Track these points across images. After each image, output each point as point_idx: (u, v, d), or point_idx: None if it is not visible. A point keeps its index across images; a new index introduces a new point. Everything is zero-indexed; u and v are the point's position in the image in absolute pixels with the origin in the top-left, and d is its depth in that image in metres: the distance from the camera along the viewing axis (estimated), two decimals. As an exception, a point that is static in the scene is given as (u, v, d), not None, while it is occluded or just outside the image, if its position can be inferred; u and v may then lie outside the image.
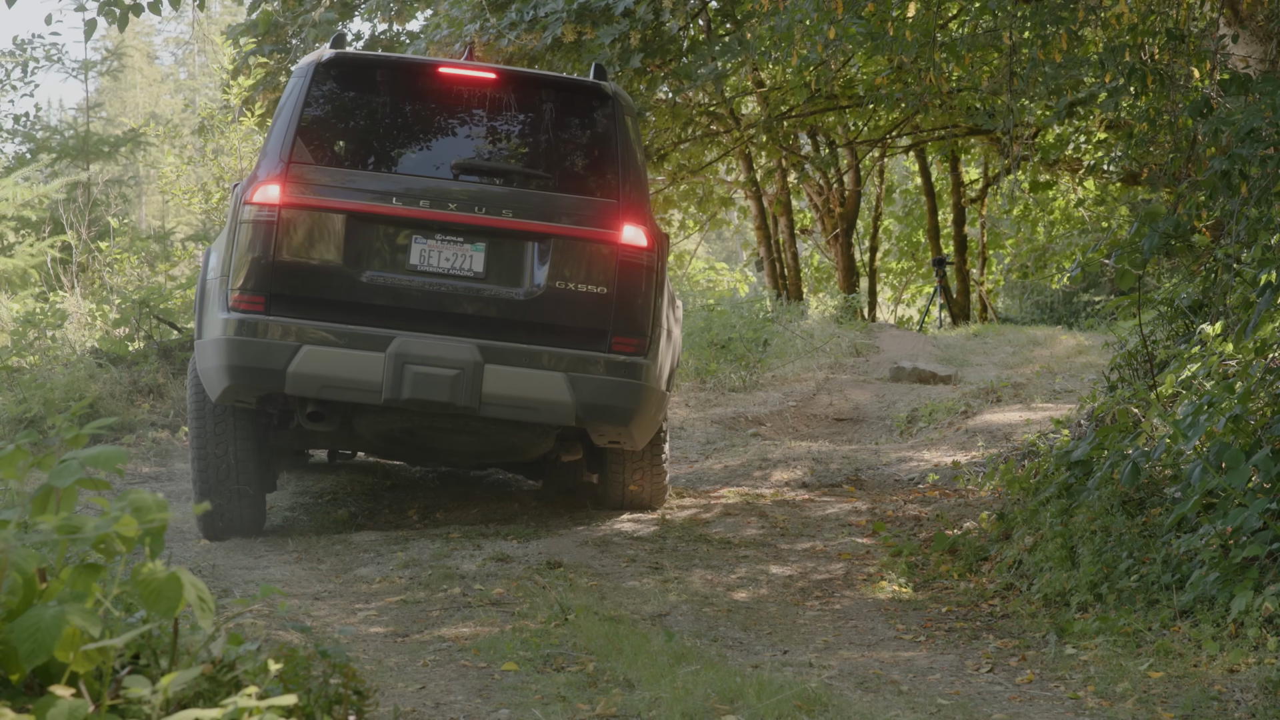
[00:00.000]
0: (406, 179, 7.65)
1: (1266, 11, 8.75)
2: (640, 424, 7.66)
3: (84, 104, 26.81)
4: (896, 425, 13.02)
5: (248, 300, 7.40)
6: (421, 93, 7.91)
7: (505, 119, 7.91)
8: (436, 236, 7.55)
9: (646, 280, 7.65)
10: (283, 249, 7.42)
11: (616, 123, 7.85)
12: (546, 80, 8.08)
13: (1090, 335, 18.96)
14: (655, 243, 7.75)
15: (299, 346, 7.32)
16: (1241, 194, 7.02)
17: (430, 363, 7.37)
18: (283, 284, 7.41)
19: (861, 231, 29.11)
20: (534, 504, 8.81)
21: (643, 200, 7.81)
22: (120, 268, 16.75)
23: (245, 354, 7.32)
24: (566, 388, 7.44)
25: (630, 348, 7.58)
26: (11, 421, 10.81)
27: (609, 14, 14.04)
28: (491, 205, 7.58)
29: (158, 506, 2.84)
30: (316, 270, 7.44)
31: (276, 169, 7.52)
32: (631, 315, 7.60)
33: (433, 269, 7.54)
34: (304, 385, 7.36)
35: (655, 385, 7.69)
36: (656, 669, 5.28)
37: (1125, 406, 7.80)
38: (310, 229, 7.46)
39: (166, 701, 2.83)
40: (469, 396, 7.39)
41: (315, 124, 7.73)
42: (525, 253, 7.60)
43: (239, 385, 7.39)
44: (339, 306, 7.44)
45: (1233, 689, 5.15)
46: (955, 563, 7.50)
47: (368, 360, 7.35)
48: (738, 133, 21.62)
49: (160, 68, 60.80)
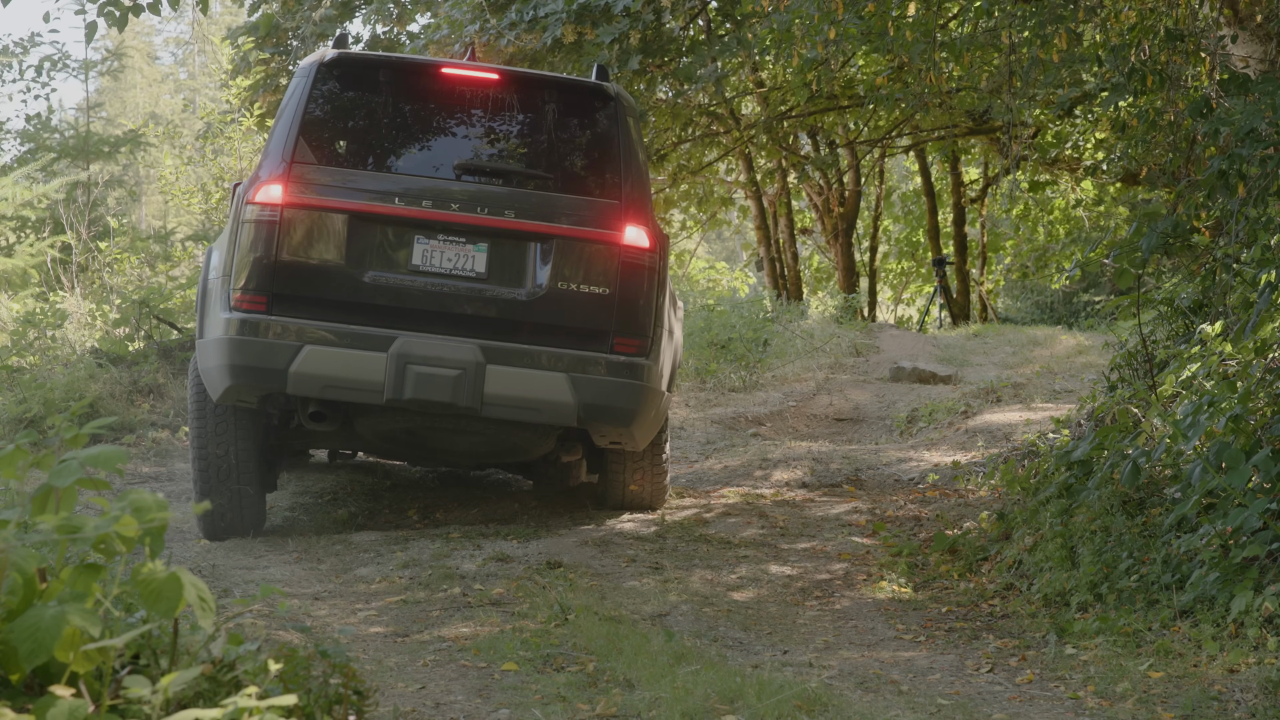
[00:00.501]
0: (409, 179, 7.64)
1: (1266, 11, 8.75)
2: (641, 425, 7.65)
3: (84, 104, 26.82)
4: (896, 425, 13.02)
5: (250, 300, 7.40)
6: (424, 93, 7.89)
7: (507, 119, 7.90)
8: (439, 237, 7.54)
9: (648, 281, 7.65)
10: (285, 249, 7.41)
11: (618, 124, 7.85)
12: (549, 81, 8.07)
13: (1090, 335, 18.96)
14: (657, 243, 7.76)
15: (301, 346, 7.31)
16: (1241, 194, 7.02)
17: (432, 363, 7.36)
18: (285, 284, 7.40)
19: (861, 231, 29.11)
20: (534, 504, 8.81)
21: (644, 201, 7.81)
22: (120, 268, 16.75)
23: (247, 353, 7.31)
24: (568, 388, 7.44)
25: (632, 348, 7.57)
26: (11, 421, 10.81)
27: (609, 14, 14.05)
28: (494, 206, 7.57)
29: (157, 506, 2.84)
30: (318, 270, 7.44)
31: (279, 169, 7.52)
32: (633, 316, 7.59)
33: (435, 269, 7.53)
34: (306, 385, 7.36)
35: (656, 386, 7.69)
36: (656, 669, 5.28)
37: (1125, 406, 7.80)
38: (312, 229, 7.46)
39: (166, 701, 2.83)
40: (471, 397, 7.38)
41: (317, 124, 7.72)
42: (527, 253, 7.59)
43: (241, 385, 7.37)
44: (341, 306, 7.43)
45: (1233, 689, 5.15)
46: (955, 563, 7.50)
47: (370, 360, 7.34)
48: (738, 133, 21.62)
49: (160, 68, 60.79)
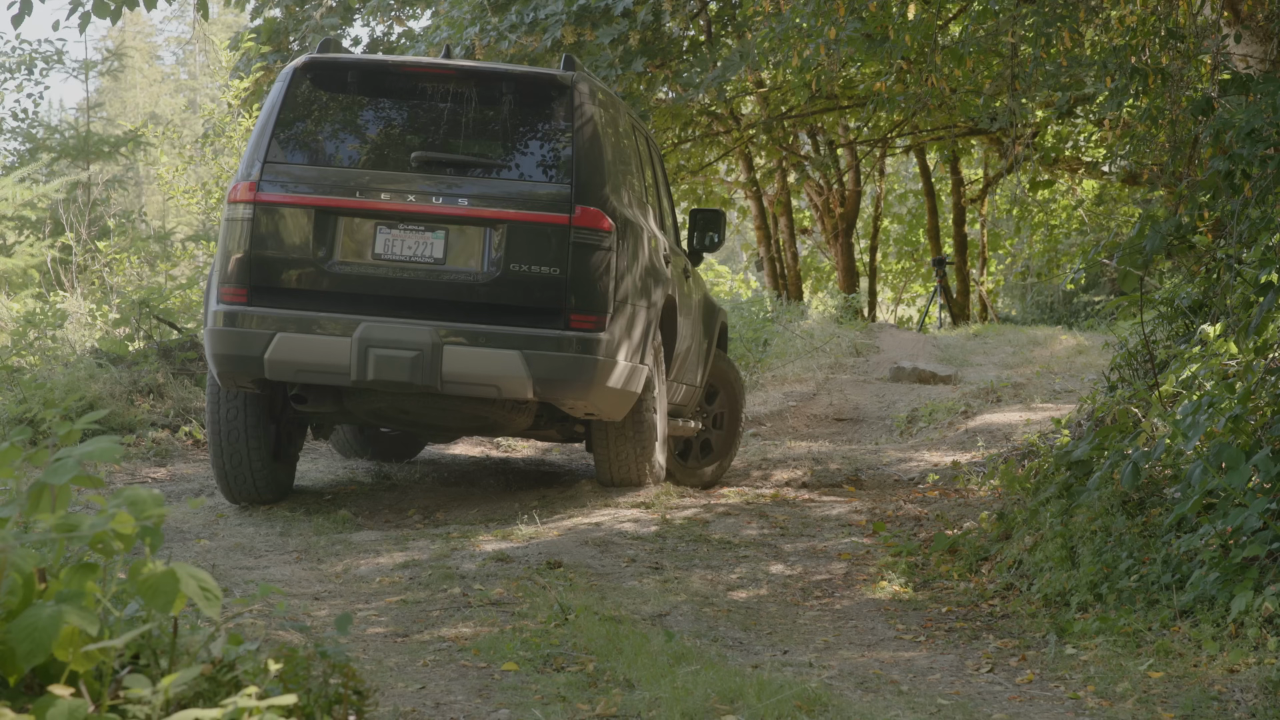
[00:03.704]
0: (370, 173, 8.19)
1: (1266, 11, 8.75)
2: (600, 396, 8.14)
3: (84, 104, 26.81)
4: (896, 425, 13.02)
5: (232, 292, 8.08)
6: (386, 91, 8.44)
7: (464, 112, 8.36)
8: (399, 226, 8.11)
9: (603, 260, 8.13)
10: (258, 244, 8.06)
11: (573, 110, 8.29)
12: (503, 74, 8.50)
13: (1090, 335, 18.96)
14: (614, 224, 8.19)
15: (274, 334, 7.96)
16: (1243, 194, 7.01)
17: (391, 345, 7.94)
18: (261, 276, 8.05)
19: (861, 231, 29.10)
20: (534, 504, 8.81)
21: (600, 184, 8.24)
22: (120, 268, 16.75)
23: (228, 343, 8.01)
24: (521, 364, 7.95)
25: (589, 324, 8.09)
26: (11, 421, 10.81)
27: (609, 15, 14.05)
28: (448, 195, 8.12)
29: (155, 503, 2.84)
30: (290, 262, 8.07)
31: (254, 169, 8.15)
32: (588, 294, 8.09)
33: (396, 257, 8.10)
34: (280, 370, 8.00)
35: (613, 358, 8.15)
36: (656, 669, 5.28)
37: (1125, 406, 7.80)
38: (283, 224, 8.09)
39: (166, 701, 2.82)
40: (429, 376, 7.93)
41: (289, 125, 8.29)
42: (482, 238, 8.11)
43: (226, 372, 8.08)
44: (311, 296, 8.06)
45: (1233, 689, 5.15)
46: (955, 563, 7.49)
47: (336, 345, 7.95)
48: (738, 133, 21.62)
49: (161, 68, 60.78)
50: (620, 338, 8.25)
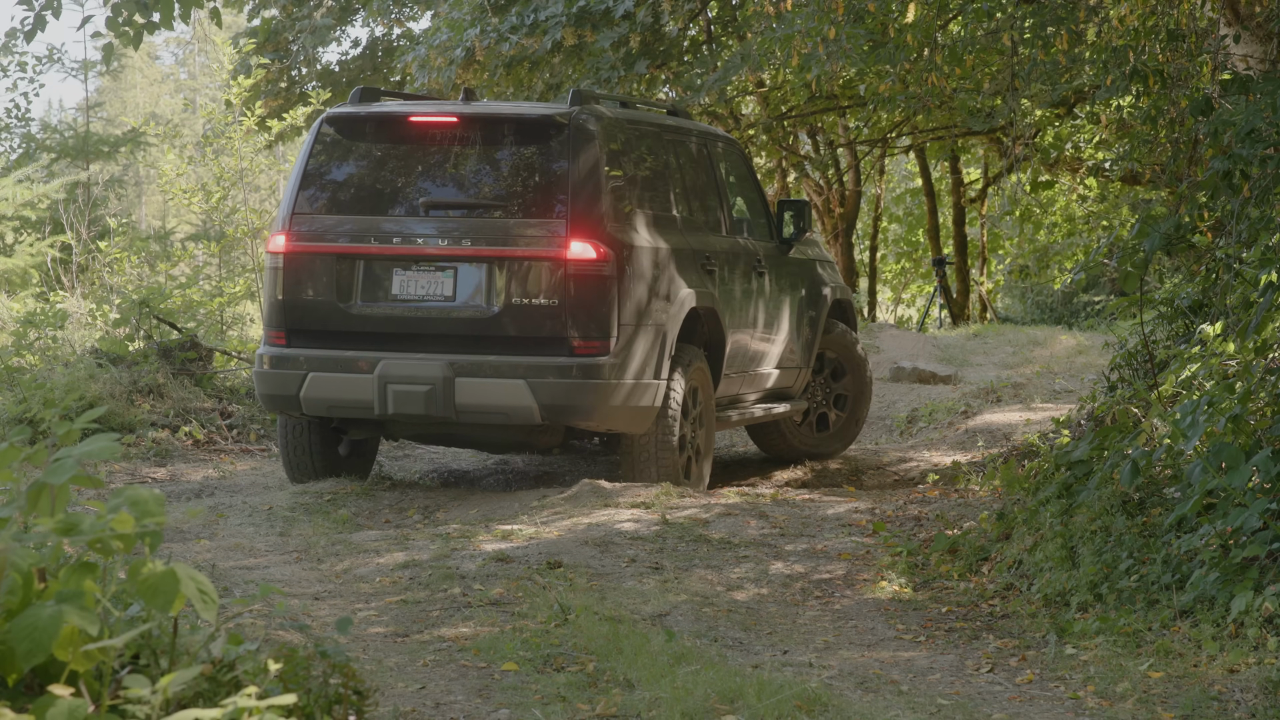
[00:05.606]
0: (386, 219, 8.84)
1: (1266, 11, 8.75)
2: (609, 416, 8.66)
3: (84, 104, 26.81)
4: (896, 425, 13.02)
5: (274, 335, 8.94)
6: (398, 139, 9.08)
7: (469, 156, 8.97)
8: (414, 267, 8.76)
9: (602, 288, 8.59)
10: (291, 290, 8.86)
11: (570, 147, 8.74)
12: (504, 116, 9.13)
13: (1090, 335, 18.95)
14: (611, 253, 8.62)
15: (306, 374, 8.74)
16: (1242, 194, 7.01)
17: (406, 380, 8.58)
18: (296, 319, 8.88)
19: (861, 231, 29.08)
20: (534, 504, 8.80)
21: (596, 216, 8.67)
22: (120, 268, 16.74)
23: (270, 384, 8.88)
24: (528, 393, 8.50)
25: (592, 350, 8.59)
26: (11, 421, 10.81)
27: (609, 17, 14.04)
28: (454, 236, 8.74)
29: (155, 503, 2.84)
30: (318, 306, 8.85)
31: (285, 220, 8.93)
32: (590, 321, 8.59)
33: (411, 296, 8.77)
34: (314, 407, 8.81)
35: (619, 379, 8.62)
36: (656, 669, 5.28)
37: (1125, 406, 7.79)
38: (310, 270, 8.83)
39: (166, 701, 2.83)
40: (443, 408, 8.56)
41: (315, 176, 9.00)
42: (486, 275, 8.69)
43: (272, 408, 9.08)
44: (339, 336, 8.82)
45: (1233, 689, 5.15)
46: (955, 563, 7.48)
47: (360, 382, 8.66)
48: (738, 133, 21.60)
49: (160, 68, 60.77)
50: (627, 358, 8.70)
